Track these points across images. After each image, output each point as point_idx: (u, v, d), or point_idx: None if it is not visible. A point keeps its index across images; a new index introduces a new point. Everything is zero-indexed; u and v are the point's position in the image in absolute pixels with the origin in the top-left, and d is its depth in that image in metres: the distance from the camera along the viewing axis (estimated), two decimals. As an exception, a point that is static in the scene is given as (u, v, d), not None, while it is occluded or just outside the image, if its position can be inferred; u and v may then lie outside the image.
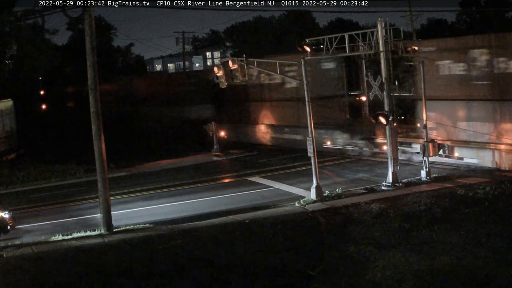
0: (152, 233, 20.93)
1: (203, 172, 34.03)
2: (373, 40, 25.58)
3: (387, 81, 25.63)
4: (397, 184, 25.64)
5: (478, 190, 23.31)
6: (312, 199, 24.42)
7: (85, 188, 30.60)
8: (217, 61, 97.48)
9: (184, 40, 73.09)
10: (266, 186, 28.52)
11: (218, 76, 26.84)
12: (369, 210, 21.90)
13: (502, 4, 63.76)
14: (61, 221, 24.42)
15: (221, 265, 17.23)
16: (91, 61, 21.53)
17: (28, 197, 30.09)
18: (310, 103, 24.86)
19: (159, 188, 29.89)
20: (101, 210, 21.99)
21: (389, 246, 17.61)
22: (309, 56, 25.89)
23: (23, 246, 20.26)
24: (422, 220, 20.01)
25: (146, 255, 18.57)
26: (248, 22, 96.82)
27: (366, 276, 15.55)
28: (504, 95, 26.88)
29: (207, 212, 24.09)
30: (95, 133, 21.78)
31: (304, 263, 16.85)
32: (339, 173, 30.29)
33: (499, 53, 26.93)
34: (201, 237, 20.16)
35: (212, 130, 41.66)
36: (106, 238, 20.86)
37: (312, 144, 24.80)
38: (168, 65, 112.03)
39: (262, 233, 20.23)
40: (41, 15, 23.75)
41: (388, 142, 26.02)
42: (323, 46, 26.31)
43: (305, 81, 25.03)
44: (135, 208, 25.85)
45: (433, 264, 15.89)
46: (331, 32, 58.09)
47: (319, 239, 19.37)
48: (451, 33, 63.26)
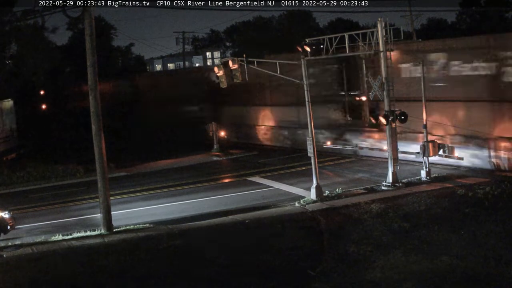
0: (152, 233, 20.92)
1: (203, 172, 34.03)
2: (373, 40, 25.56)
3: (387, 81, 25.62)
4: (397, 184, 25.64)
5: (478, 190, 23.30)
6: (312, 199, 24.42)
7: (85, 188, 30.61)
8: (217, 61, 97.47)
9: (184, 40, 73.17)
10: (266, 186, 28.52)
11: (218, 76, 26.86)
12: (369, 210, 21.90)
13: (502, 4, 63.76)
14: (61, 221, 24.43)
15: (221, 265, 17.23)
16: (91, 61, 21.53)
17: (28, 197, 30.10)
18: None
19: (159, 188, 29.90)
20: (101, 210, 22.00)
21: (389, 246, 17.61)
22: (309, 56, 25.88)
23: (23, 246, 20.25)
24: (422, 220, 20.01)
25: (146, 255, 18.57)
26: (248, 22, 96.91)
27: (366, 276, 15.56)
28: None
29: (207, 212, 24.10)
30: (95, 133, 21.79)
31: (304, 263, 16.85)
32: (339, 173, 30.29)
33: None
34: (201, 237, 20.17)
35: (212, 130, 41.70)
36: (106, 238, 20.86)
37: (312, 144, 24.80)
38: (168, 65, 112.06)
39: (262, 233, 20.23)
40: (41, 15, 23.76)
41: (388, 142, 26.01)
42: (323, 46, 26.30)
43: (305, 81, 25.04)
44: (135, 208, 25.85)
45: (433, 264, 15.90)
46: (331, 32, 58.20)
47: (319, 239, 19.37)
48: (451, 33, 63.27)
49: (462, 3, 70.17)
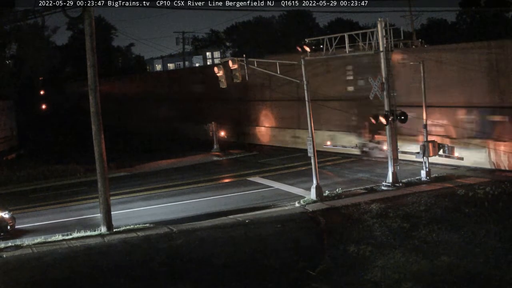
0: (152, 233, 20.92)
1: (203, 172, 34.03)
2: (373, 40, 25.55)
3: (387, 81, 25.62)
4: (397, 184, 25.63)
5: (478, 190, 23.29)
6: (312, 199, 24.41)
7: (85, 188, 30.61)
8: (217, 61, 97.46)
9: (184, 40, 73.19)
10: (266, 186, 28.52)
11: (218, 76, 26.87)
12: (369, 210, 21.88)
13: (502, 4, 63.70)
14: (61, 221, 24.42)
15: (221, 265, 17.23)
16: (91, 61, 21.52)
17: (28, 197, 30.08)
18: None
19: (159, 188, 29.90)
20: (101, 210, 21.99)
21: (389, 246, 17.60)
22: (309, 56, 25.89)
23: (23, 246, 20.23)
24: (422, 220, 20.00)
25: (146, 255, 18.56)
26: (248, 22, 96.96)
27: (366, 276, 15.55)
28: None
29: (207, 212, 24.09)
30: (95, 133, 21.78)
31: (304, 263, 16.84)
32: (339, 173, 30.29)
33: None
34: (201, 237, 20.15)
35: (212, 130, 41.69)
36: (106, 238, 20.86)
37: (312, 144, 24.80)
38: (168, 65, 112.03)
39: (262, 233, 20.22)
40: (41, 15, 23.77)
41: (388, 142, 26.00)
42: (323, 46, 26.30)
43: (305, 81, 25.03)
44: (135, 208, 25.85)
45: (433, 264, 15.89)
46: (331, 32, 58.17)
47: (319, 239, 19.37)
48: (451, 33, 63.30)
49: (462, 3, 70.20)
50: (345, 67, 35.08)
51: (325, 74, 35.82)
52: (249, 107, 44.80)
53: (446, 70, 29.24)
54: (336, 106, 34.22)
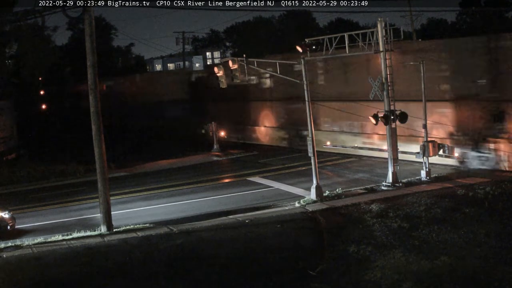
0: (152, 233, 20.92)
1: (203, 172, 34.04)
2: (373, 40, 25.54)
3: (387, 81, 25.61)
4: (397, 184, 25.62)
5: (478, 190, 23.29)
6: (312, 199, 24.41)
7: (85, 188, 30.61)
8: (217, 61, 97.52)
9: (184, 40, 73.08)
10: (266, 186, 28.52)
11: (218, 76, 26.88)
12: (369, 210, 21.88)
13: (502, 4, 63.68)
14: (61, 221, 24.43)
15: (221, 265, 17.22)
16: (91, 61, 21.53)
17: (28, 197, 30.08)
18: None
19: (159, 188, 29.91)
20: (101, 210, 21.99)
21: (389, 246, 17.60)
22: (309, 56, 25.88)
23: (23, 246, 20.24)
24: (422, 220, 19.99)
25: (146, 255, 18.56)
26: (248, 22, 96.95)
27: (366, 276, 15.55)
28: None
29: (207, 212, 24.10)
30: (95, 133, 21.78)
31: (304, 263, 16.84)
32: (339, 173, 30.29)
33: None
34: (201, 237, 20.16)
35: (212, 130, 41.70)
36: (106, 238, 20.86)
37: (312, 144, 24.79)
38: (168, 65, 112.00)
39: (262, 233, 20.22)
40: (41, 15, 23.76)
41: (388, 142, 25.99)
42: (323, 46, 26.29)
43: (305, 81, 25.03)
44: (135, 208, 25.85)
45: (433, 264, 15.89)
46: (331, 32, 58.18)
47: (319, 239, 19.36)
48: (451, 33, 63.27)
49: (462, 3, 70.10)
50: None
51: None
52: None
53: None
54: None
